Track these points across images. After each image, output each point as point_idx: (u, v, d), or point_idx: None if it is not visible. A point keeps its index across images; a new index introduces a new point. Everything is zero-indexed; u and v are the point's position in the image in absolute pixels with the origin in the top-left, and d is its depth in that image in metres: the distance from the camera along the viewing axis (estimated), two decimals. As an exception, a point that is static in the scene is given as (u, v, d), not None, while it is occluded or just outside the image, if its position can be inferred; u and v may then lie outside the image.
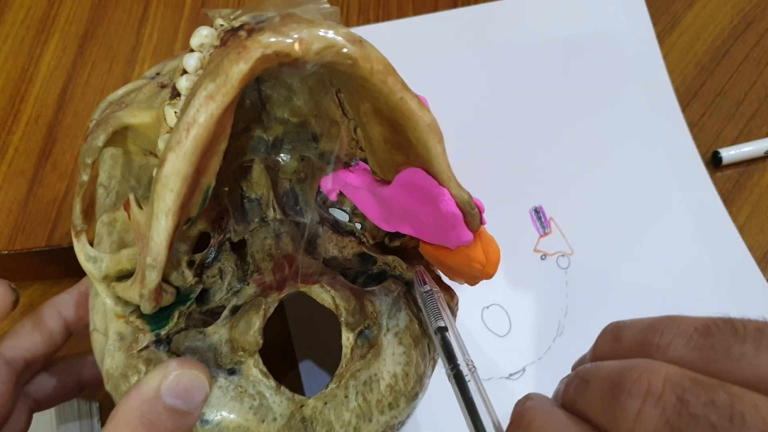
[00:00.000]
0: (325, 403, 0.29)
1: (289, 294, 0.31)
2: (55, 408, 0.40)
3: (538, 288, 0.45)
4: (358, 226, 0.35)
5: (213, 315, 0.32)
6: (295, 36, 0.21)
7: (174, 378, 0.27)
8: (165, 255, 0.24)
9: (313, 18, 0.22)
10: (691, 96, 0.51)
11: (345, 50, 0.22)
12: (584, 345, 0.43)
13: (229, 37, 0.22)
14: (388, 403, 0.30)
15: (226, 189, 0.32)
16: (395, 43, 0.52)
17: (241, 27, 0.22)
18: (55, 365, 0.37)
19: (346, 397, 0.30)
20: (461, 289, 0.45)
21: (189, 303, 0.31)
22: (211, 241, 0.33)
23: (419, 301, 0.31)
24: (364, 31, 0.52)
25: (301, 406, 0.29)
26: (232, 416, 0.28)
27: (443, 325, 0.28)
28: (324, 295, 0.30)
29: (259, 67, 0.21)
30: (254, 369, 0.29)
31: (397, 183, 0.28)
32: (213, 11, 0.26)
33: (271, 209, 0.33)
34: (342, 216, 0.36)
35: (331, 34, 0.22)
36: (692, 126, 0.49)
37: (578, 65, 0.51)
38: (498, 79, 0.51)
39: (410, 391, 0.31)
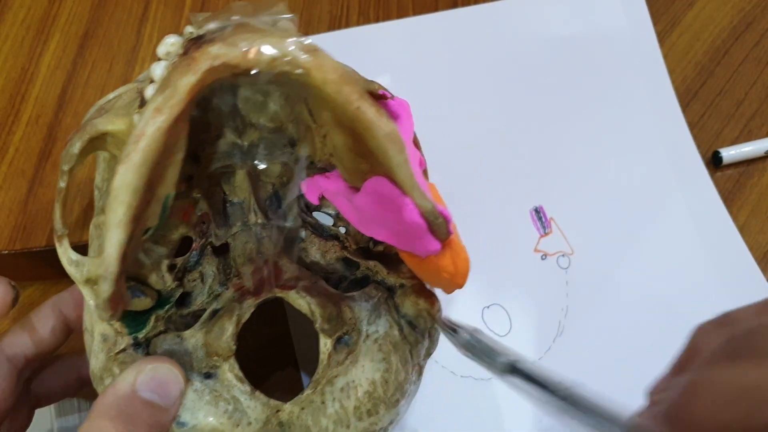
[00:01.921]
0: (302, 408, 0.30)
1: (266, 299, 0.31)
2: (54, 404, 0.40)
3: (538, 288, 0.45)
4: (342, 230, 0.35)
5: (195, 318, 0.33)
6: (245, 47, 0.21)
7: (149, 372, 0.28)
8: (117, 267, 0.24)
9: (268, 27, 0.22)
10: (692, 96, 0.51)
11: (296, 60, 0.22)
12: (584, 345, 0.44)
13: (191, 46, 0.22)
14: (367, 410, 0.30)
15: (198, 195, 0.32)
16: (395, 43, 0.52)
17: (202, 36, 0.23)
18: (56, 362, 0.37)
19: (323, 403, 0.30)
20: (461, 289, 0.45)
21: (167, 307, 0.32)
22: (193, 244, 0.33)
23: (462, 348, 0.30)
24: (363, 31, 0.52)
25: (278, 411, 0.29)
26: (207, 420, 0.29)
27: (512, 359, 0.26)
28: (300, 301, 0.30)
29: (209, 79, 0.21)
30: (229, 374, 0.29)
31: (365, 191, 0.28)
32: (200, 15, 0.26)
33: (253, 213, 0.33)
34: (326, 220, 0.35)
35: (283, 44, 0.22)
36: (692, 126, 0.49)
37: (578, 65, 0.51)
38: (498, 80, 0.51)
39: (390, 398, 0.30)
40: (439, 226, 0.27)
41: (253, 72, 0.21)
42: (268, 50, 0.21)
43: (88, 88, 0.49)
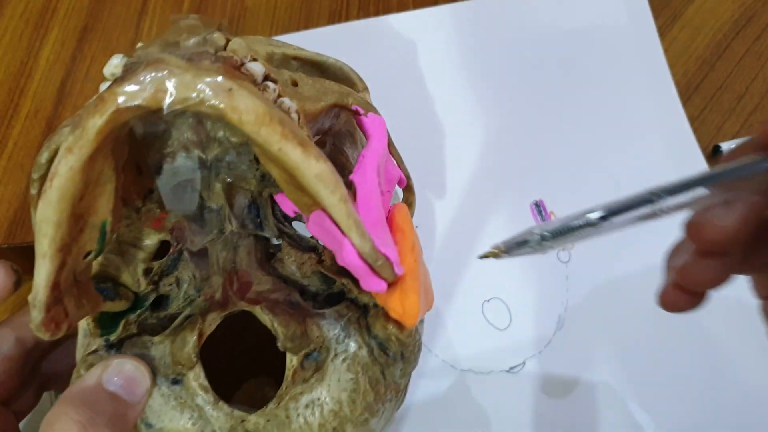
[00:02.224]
0: (268, 420, 0.30)
1: (232, 312, 0.31)
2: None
3: (538, 282, 0.45)
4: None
5: (172, 320, 0.33)
6: (153, 87, 0.21)
7: (115, 366, 0.28)
8: (45, 295, 0.24)
9: (184, 63, 0.21)
10: (692, 90, 0.51)
11: (209, 102, 0.21)
12: (585, 338, 0.44)
13: (126, 72, 0.22)
14: (333, 428, 0.30)
15: (158, 209, 0.32)
16: (396, 37, 0.52)
17: (136, 62, 0.22)
18: (64, 343, 0.38)
19: (288, 417, 0.30)
20: (463, 279, 0.45)
21: (140, 310, 0.32)
22: (171, 249, 0.33)
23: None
24: (363, 25, 0.52)
25: (243, 421, 0.30)
26: (173, 424, 0.29)
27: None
28: (264, 317, 0.30)
29: (119, 119, 0.21)
30: (194, 382, 0.29)
31: (311, 222, 0.27)
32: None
33: (228, 221, 0.32)
34: (305, 231, 0.35)
35: (194, 84, 0.21)
36: (693, 120, 0.49)
37: (579, 59, 0.51)
38: (499, 74, 0.51)
39: (357, 417, 0.30)
40: (381, 268, 0.26)
41: (165, 111, 0.21)
42: (177, 91, 0.21)
43: (87, 82, 0.49)
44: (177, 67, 0.21)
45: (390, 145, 0.33)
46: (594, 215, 0.23)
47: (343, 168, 0.32)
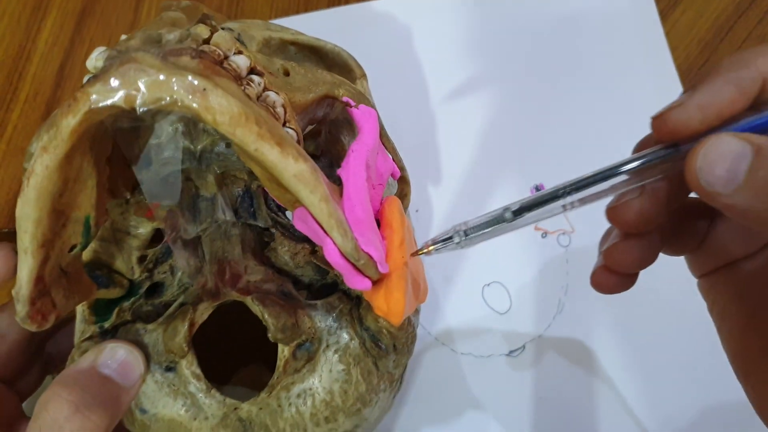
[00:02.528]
0: (260, 409, 0.30)
1: (224, 303, 0.31)
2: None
3: (538, 266, 0.45)
4: None
5: (167, 307, 0.33)
6: (125, 88, 0.20)
7: (109, 350, 0.29)
8: (28, 289, 0.24)
9: (159, 60, 0.21)
10: (694, 74, 0.50)
11: (182, 102, 0.21)
12: (584, 322, 0.43)
13: (101, 70, 0.22)
14: (324, 417, 0.30)
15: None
16: (395, 21, 0.51)
17: (116, 57, 0.22)
18: (69, 324, 0.38)
19: (279, 406, 0.30)
20: (463, 263, 0.45)
21: (134, 298, 0.32)
22: (165, 237, 0.33)
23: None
24: (364, 8, 0.51)
25: (235, 409, 0.30)
26: (166, 410, 0.29)
27: (506, 208, 0.25)
28: (255, 308, 0.30)
29: (92, 119, 0.21)
30: (186, 370, 0.30)
31: (296, 218, 0.26)
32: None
33: (221, 211, 0.32)
34: None
35: (167, 84, 0.20)
36: (696, 103, 0.49)
37: (580, 42, 0.50)
38: (499, 57, 0.50)
39: (349, 407, 0.30)
40: (364, 267, 0.26)
41: (138, 112, 0.21)
42: (149, 91, 0.20)
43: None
44: (150, 67, 0.20)
45: (383, 136, 0.32)
46: (508, 213, 0.25)
47: (339, 158, 0.32)
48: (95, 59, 0.24)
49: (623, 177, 0.23)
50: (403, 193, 0.35)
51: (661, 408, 0.41)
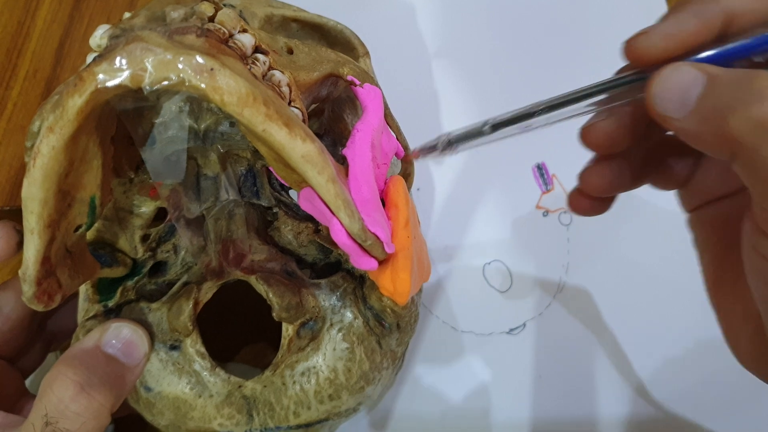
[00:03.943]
0: (264, 387, 0.30)
1: (228, 282, 0.31)
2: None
3: (539, 244, 0.45)
4: None
5: (170, 286, 0.33)
6: (131, 67, 0.20)
7: (113, 329, 0.29)
8: (35, 270, 0.24)
9: (164, 40, 0.21)
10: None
11: (189, 82, 0.20)
12: (585, 301, 0.44)
13: (106, 49, 0.22)
14: (328, 395, 0.30)
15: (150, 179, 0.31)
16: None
17: (120, 35, 0.21)
18: (70, 301, 0.38)
19: (284, 384, 0.30)
20: (464, 243, 0.45)
21: (137, 277, 0.32)
22: (168, 216, 0.33)
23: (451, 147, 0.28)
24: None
25: (240, 387, 0.30)
26: (171, 389, 0.30)
27: (488, 121, 0.26)
28: (260, 287, 0.30)
29: (98, 99, 0.20)
30: (191, 348, 0.30)
31: (302, 198, 0.26)
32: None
33: (224, 190, 0.32)
34: None
35: (174, 63, 0.20)
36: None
37: (583, 18, 0.50)
38: (501, 33, 0.50)
39: (353, 385, 0.30)
40: (371, 247, 0.26)
41: (145, 92, 0.20)
42: (156, 71, 0.20)
43: (86, 42, 0.49)
44: (157, 46, 0.20)
45: (387, 116, 0.32)
46: (486, 126, 0.26)
47: (341, 137, 0.32)
48: (99, 37, 0.23)
49: (596, 98, 0.24)
50: (406, 173, 0.35)
51: (660, 386, 0.42)
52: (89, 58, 0.24)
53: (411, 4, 0.51)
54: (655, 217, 0.45)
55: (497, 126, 0.26)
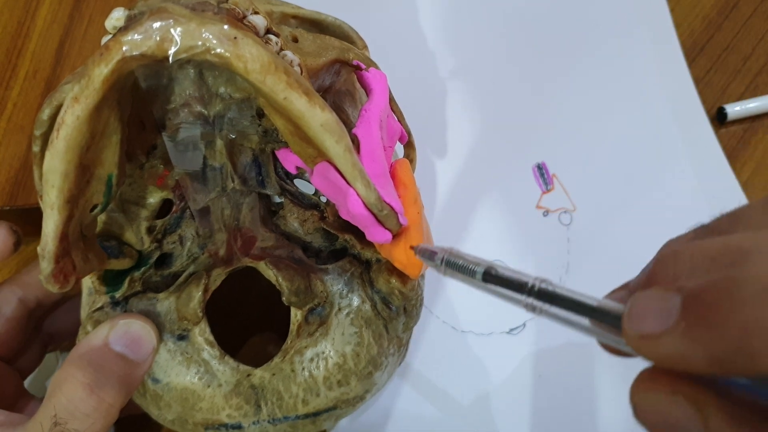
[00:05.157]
0: (273, 374, 0.30)
1: (237, 269, 0.31)
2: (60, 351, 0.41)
3: (540, 244, 0.45)
4: (323, 199, 0.35)
5: (176, 278, 0.33)
6: (158, 36, 0.20)
7: (122, 326, 0.29)
8: (54, 246, 0.24)
9: (188, 11, 0.21)
10: (698, 51, 0.50)
11: (213, 50, 0.21)
12: (585, 300, 0.44)
13: (130, 21, 0.22)
14: (337, 381, 0.30)
15: (162, 165, 0.32)
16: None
17: (139, 14, 0.22)
18: (67, 302, 0.38)
19: (293, 371, 0.30)
20: (464, 242, 0.45)
21: (144, 268, 0.32)
22: (173, 207, 0.33)
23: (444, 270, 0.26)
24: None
25: (248, 375, 0.30)
26: (179, 379, 0.30)
27: (488, 265, 0.23)
28: (269, 272, 0.30)
29: (124, 68, 0.21)
30: (199, 337, 0.30)
31: (317, 174, 0.27)
32: None
33: (230, 179, 0.32)
34: (307, 188, 0.35)
35: (199, 31, 0.21)
36: (698, 81, 0.49)
37: (583, 18, 0.50)
38: (501, 33, 0.50)
39: (362, 370, 0.30)
40: (386, 218, 0.26)
41: (171, 60, 0.21)
42: (182, 39, 0.20)
43: (86, 42, 0.49)
44: (182, 16, 0.20)
45: (391, 100, 0.33)
46: (484, 268, 0.23)
47: (344, 126, 0.32)
48: (115, 19, 0.24)
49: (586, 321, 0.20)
50: (409, 158, 0.35)
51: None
52: (105, 40, 0.24)
53: (410, 1, 0.51)
54: (656, 216, 0.45)
55: (486, 278, 0.23)
